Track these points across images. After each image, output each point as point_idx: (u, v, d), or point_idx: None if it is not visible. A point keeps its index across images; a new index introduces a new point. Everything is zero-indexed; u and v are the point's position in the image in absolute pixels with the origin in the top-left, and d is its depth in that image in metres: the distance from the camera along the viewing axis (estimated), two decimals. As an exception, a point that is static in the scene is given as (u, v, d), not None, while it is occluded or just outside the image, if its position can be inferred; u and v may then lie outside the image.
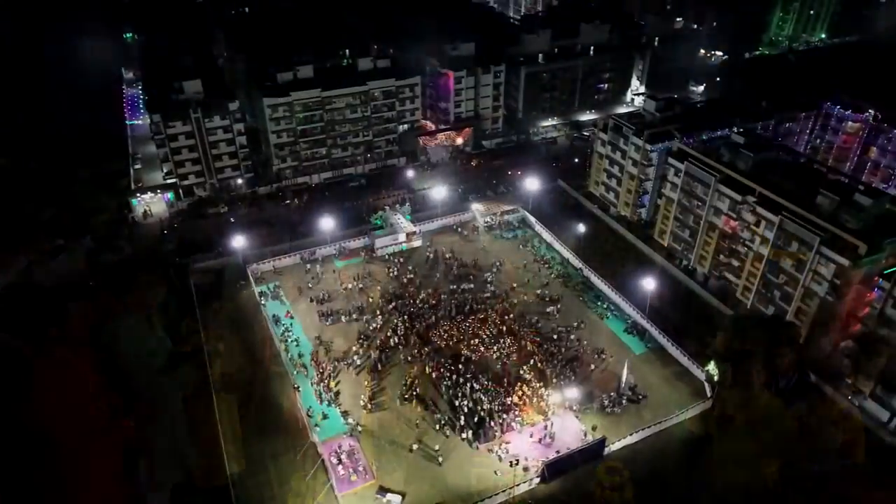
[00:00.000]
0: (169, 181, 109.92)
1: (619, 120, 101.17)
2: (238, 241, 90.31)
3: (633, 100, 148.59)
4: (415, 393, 71.52)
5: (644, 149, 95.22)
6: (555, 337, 79.39)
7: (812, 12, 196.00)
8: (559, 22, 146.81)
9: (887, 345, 66.42)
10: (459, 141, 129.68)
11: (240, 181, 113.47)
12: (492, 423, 66.72)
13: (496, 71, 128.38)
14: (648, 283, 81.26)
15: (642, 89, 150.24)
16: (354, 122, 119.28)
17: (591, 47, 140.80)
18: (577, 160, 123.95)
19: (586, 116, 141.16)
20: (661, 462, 64.72)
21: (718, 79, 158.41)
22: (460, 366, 74.40)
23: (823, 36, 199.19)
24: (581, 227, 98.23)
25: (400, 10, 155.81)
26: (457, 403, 69.50)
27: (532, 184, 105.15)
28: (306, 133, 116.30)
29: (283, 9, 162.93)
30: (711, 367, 69.02)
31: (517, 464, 60.50)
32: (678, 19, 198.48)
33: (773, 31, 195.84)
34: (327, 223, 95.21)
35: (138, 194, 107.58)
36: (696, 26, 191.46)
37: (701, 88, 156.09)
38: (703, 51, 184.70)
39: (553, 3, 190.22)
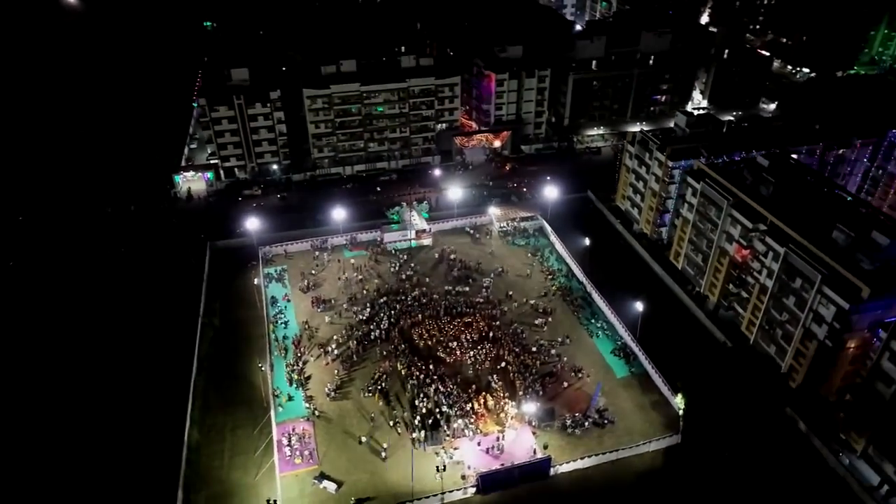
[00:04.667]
0: (212, 161, 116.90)
1: (646, 133, 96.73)
2: (252, 224, 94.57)
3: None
4: (380, 388, 72.30)
5: (666, 165, 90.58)
6: (534, 349, 77.42)
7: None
8: (620, 29, 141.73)
9: (882, 401, 59.61)
10: (497, 144, 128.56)
11: (275, 167, 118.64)
12: (444, 427, 66.33)
13: (540, 75, 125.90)
14: (640, 306, 77.50)
15: (704, 103, 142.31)
16: (392, 117, 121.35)
17: (651, 56, 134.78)
18: (615, 172, 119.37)
19: (637, 128, 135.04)
20: (613, 493, 61.94)
21: (800, 98, 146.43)
22: (430, 366, 74.33)
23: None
24: (598, 241, 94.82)
25: (461, 10, 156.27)
26: (417, 403, 69.63)
27: (557, 192, 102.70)
28: (344, 125, 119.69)
29: (349, 4, 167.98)
30: (679, 399, 64.84)
31: (444, 469, 59.74)
32: (768, 32, 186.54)
33: (875, 50, 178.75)
34: (342, 213, 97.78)
35: (182, 172, 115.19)
36: (784, 40, 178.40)
37: (772, 107, 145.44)
38: (788, 66, 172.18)
39: (625, 8, 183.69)
